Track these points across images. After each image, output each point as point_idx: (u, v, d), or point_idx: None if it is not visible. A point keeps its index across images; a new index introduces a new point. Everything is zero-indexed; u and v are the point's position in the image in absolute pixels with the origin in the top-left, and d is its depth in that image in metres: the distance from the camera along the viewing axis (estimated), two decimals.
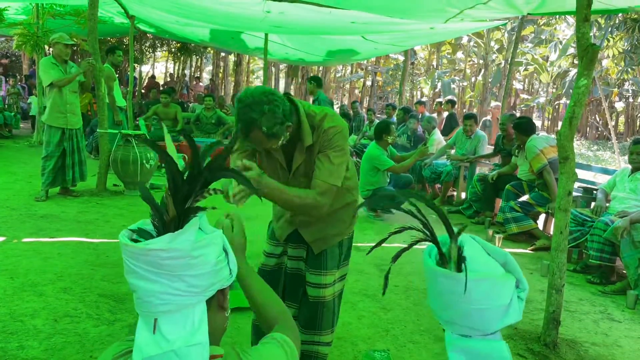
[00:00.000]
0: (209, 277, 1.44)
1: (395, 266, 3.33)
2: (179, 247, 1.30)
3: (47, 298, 3.00)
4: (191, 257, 1.33)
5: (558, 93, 23.31)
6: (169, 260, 1.29)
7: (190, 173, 1.46)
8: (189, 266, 1.34)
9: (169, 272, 1.33)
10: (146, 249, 1.26)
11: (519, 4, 5.17)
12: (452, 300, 1.69)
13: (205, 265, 1.40)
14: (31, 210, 4.89)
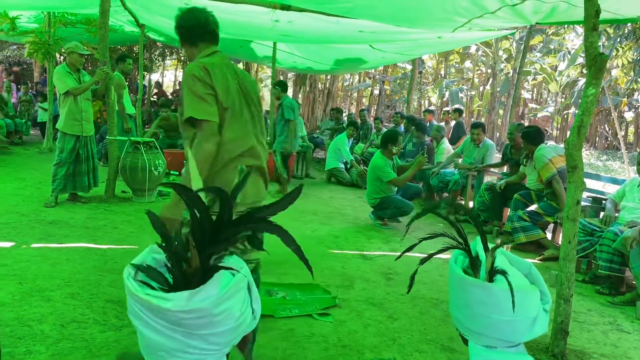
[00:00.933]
0: (232, 332, 1.34)
1: (401, 275, 3.32)
2: (200, 307, 1.20)
3: (55, 303, 3.02)
4: (213, 315, 1.23)
5: (567, 103, 23.22)
6: (189, 320, 1.19)
7: (219, 224, 1.36)
8: (211, 325, 1.23)
9: (188, 331, 1.22)
10: (162, 307, 1.16)
11: (527, 14, 5.16)
12: (481, 311, 1.69)
13: (229, 321, 1.30)
14: (40, 216, 4.93)
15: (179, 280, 1.26)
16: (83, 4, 7.21)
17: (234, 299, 1.30)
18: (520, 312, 1.76)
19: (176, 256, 1.21)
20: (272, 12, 6.07)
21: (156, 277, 1.28)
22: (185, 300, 1.16)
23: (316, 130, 13.29)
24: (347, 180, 8.73)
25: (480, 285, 1.80)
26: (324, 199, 7.27)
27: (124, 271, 1.34)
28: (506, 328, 1.80)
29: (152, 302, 1.13)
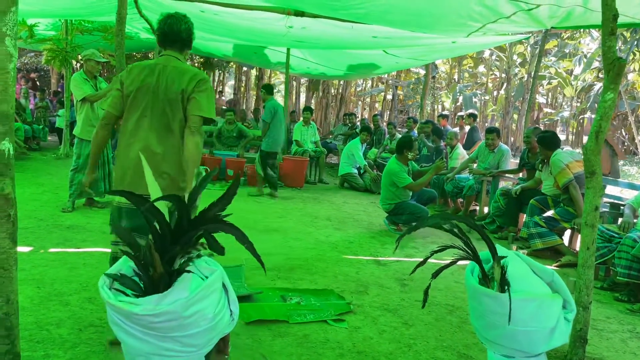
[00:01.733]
0: (207, 334, 1.36)
1: (416, 281, 3.31)
2: (169, 310, 1.22)
3: (73, 308, 3.05)
4: (184, 317, 1.26)
5: (582, 107, 22.97)
6: (160, 323, 1.22)
7: (178, 227, 1.40)
8: (182, 327, 1.26)
9: (160, 334, 1.24)
10: (132, 312, 1.19)
11: (542, 18, 5.13)
12: (496, 321, 1.68)
13: (202, 322, 1.32)
14: (58, 221, 4.99)
15: (149, 285, 1.28)
16: (100, 11, 7.32)
17: (206, 301, 1.32)
18: (536, 322, 1.74)
19: (142, 262, 1.24)
20: (286, 18, 6.11)
21: (129, 284, 1.31)
22: (154, 304, 1.19)
23: (329, 136, 13.32)
24: (361, 186, 8.72)
25: (492, 296, 1.79)
26: (337, 204, 7.27)
27: (99, 280, 1.36)
28: (522, 338, 1.78)
29: (123, 307, 1.17)
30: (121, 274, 1.33)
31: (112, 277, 1.32)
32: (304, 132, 9.64)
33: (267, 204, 6.91)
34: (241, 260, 3.99)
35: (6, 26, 1.81)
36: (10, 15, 1.83)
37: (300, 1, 5.31)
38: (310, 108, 10.48)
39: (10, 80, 1.83)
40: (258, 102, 18.35)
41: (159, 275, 1.23)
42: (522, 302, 1.78)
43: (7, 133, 1.84)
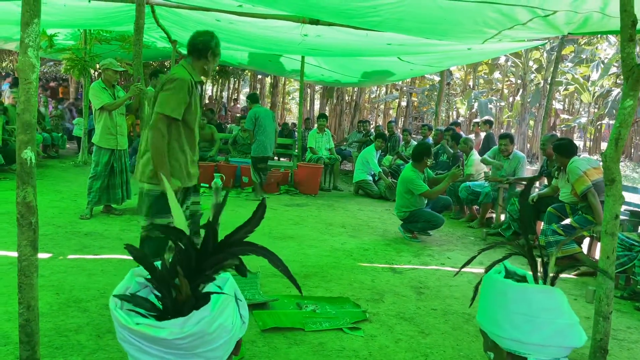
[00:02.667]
0: (228, 343, 1.38)
1: (433, 289, 3.30)
2: (196, 331, 1.23)
3: (91, 314, 3.08)
4: (209, 334, 1.27)
5: (600, 113, 22.70)
6: (185, 344, 1.22)
7: (204, 251, 1.42)
8: (206, 343, 1.27)
9: (184, 352, 1.24)
10: (157, 337, 1.18)
11: (559, 24, 5.10)
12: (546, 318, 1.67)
13: (224, 334, 1.33)
14: (76, 228, 5.05)
15: (169, 308, 1.27)
16: (118, 21, 7.44)
17: (225, 313, 1.32)
18: (572, 314, 1.79)
19: (165, 285, 1.22)
20: (301, 26, 6.15)
21: (143, 305, 1.29)
22: (180, 327, 1.18)
23: (343, 143, 13.31)
24: (375, 193, 8.70)
25: (545, 291, 1.80)
26: (352, 212, 7.26)
27: (110, 302, 1.35)
28: (569, 332, 1.79)
29: (147, 332, 1.15)
30: (132, 295, 1.32)
31: (124, 299, 1.32)
32: (318, 140, 9.65)
33: (281, 210, 6.92)
34: (256, 267, 4.00)
35: (29, 37, 1.85)
36: (33, 26, 1.87)
37: (315, 10, 5.34)
38: (325, 115, 10.50)
39: (32, 90, 1.86)
40: (273, 109, 18.46)
41: (185, 299, 1.23)
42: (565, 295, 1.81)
43: (29, 142, 1.87)
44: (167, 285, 1.23)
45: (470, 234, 6.33)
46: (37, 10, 1.89)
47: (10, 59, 18.21)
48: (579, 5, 4.36)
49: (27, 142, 1.87)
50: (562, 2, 4.31)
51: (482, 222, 6.79)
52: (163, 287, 1.25)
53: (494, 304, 1.93)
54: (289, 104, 32.02)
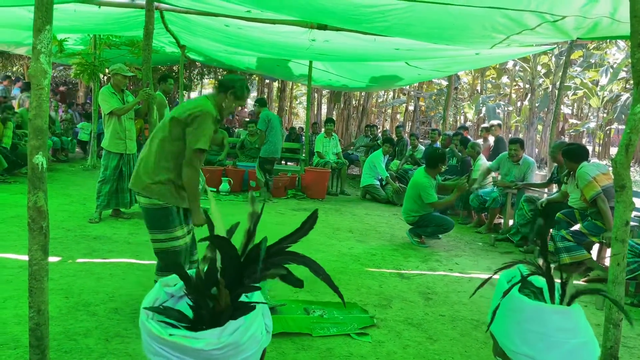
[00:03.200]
0: (256, 355, 1.39)
1: (440, 295, 3.28)
2: (232, 341, 1.24)
3: (100, 318, 3.10)
4: (242, 344, 1.28)
5: (609, 118, 22.54)
6: (220, 355, 1.22)
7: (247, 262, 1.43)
8: (239, 353, 1.27)
9: None
10: (193, 348, 1.18)
11: (568, 29, 5.08)
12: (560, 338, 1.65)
13: (254, 344, 1.34)
14: (85, 232, 5.08)
15: (207, 318, 1.27)
16: (128, 27, 7.50)
17: (256, 323, 1.31)
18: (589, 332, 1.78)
19: (203, 297, 1.23)
20: (309, 31, 6.16)
21: (175, 316, 1.30)
22: (216, 337, 1.18)
23: (350, 147, 13.32)
24: (383, 197, 8.68)
25: (562, 312, 1.77)
26: (359, 216, 7.25)
27: (141, 314, 1.36)
28: (583, 351, 1.77)
29: (182, 343, 1.14)
30: (164, 306, 1.32)
31: (156, 311, 1.32)
32: (325, 144, 9.66)
33: (289, 215, 6.93)
34: None
35: (41, 43, 1.87)
36: (45, 33, 1.89)
37: (323, 15, 5.35)
38: (333, 120, 10.51)
39: (44, 96, 1.88)
40: (280, 113, 18.49)
41: (223, 309, 1.23)
42: (583, 313, 1.79)
43: (40, 147, 1.89)
44: (205, 296, 1.23)
45: (479, 240, 6.30)
46: (49, 16, 1.91)
47: (20, 64, 18.39)
48: (589, 11, 4.34)
49: (38, 148, 1.89)
50: (571, 7, 4.30)
51: (490, 228, 6.76)
52: (200, 297, 1.25)
53: (507, 317, 1.90)
54: (296, 108, 32.07)
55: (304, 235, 1.56)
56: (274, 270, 1.41)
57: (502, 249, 5.86)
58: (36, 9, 1.88)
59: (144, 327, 1.30)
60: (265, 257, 1.41)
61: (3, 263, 3.92)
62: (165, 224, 3.00)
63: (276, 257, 1.43)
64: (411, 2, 4.42)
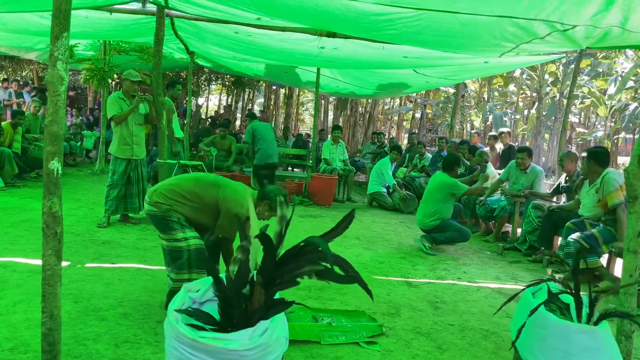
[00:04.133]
0: (279, 358, 1.40)
1: (449, 304, 3.26)
2: (262, 342, 1.24)
3: (109, 323, 3.10)
4: (269, 345, 1.29)
5: (617, 127, 22.44)
6: (250, 356, 1.23)
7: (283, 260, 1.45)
8: (266, 355, 1.28)
9: None
10: (226, 348, 1.19)
11: (578, 39, 5.06)
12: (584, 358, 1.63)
13: (278, 347, 1.35)
14: (94, 236, 5.10)
15: (234, 318, 1.27)
16: (138, 33, 7.55)
17: (280, 325, 1.32)
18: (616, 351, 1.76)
19: (236, 297, 1.23)
20: (318, 39, 6.19)
21: (204, 318, 1.30)
22: (248, 338, 1.18)
23: (357, 154, 13.31)
24: (390, 205, 8.67)
25: (588, 331, 1.76)
26: (366, 224, 7.24)
27: (170, 316, 1.36)
28: None
29: (215, 344, 1.14)
30: (194, 308, 1.33)
31: (186, 313, 1.32)
32: (332, 151, 9.67)
33: (296, 222, 6.92)
34: None
35: (58, 51, 1.89)
36: (62, 40, 1.91)
37: (333, 23, 5.37)
38: (340, 127, 10.53)
39: (61, 103, 1.90)
40: (287, 119, 18.52)
41: (256, 309, 1.23)
42: (610, 334, 1.77)
43: (56, 153, 1.90)
44: (237, 295, 1.24)
45: (486, 248, 6.28)
46: (67, 24, 1.93)
47: (30, 68, 18.56)
48: (599, 20, 4.33)
49: (54, 153, 1.90)
50: (582, 16, 4.28)
51: (497, 236, 6.73)
52: (233, 297, 1.26)
53: (532, 333, 1.88)
54: (302, 114, 32.13)
55: (338, 234, 1.59)
56: (309, 267, 1.42)
57: (510, 258, 5.83)
58: (54, 17, 1.89)
59: (172, 329, 1.31)
60: (299, 256, 1.43)
61: (13, 267, 3.94)
62: (166, 227, 3.26)
63: (309, 256, 1.45)
64: (421, 10, 4.43)
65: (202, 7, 5.44)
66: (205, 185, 3.29)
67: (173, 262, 3.27)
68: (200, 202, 3.25)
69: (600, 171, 4.91)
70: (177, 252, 3.23)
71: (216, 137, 9.49)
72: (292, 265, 1.39)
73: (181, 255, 3.22)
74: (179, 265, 3.24)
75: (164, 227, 3.25)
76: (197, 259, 3.23)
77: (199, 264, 3.20)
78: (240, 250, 1.51)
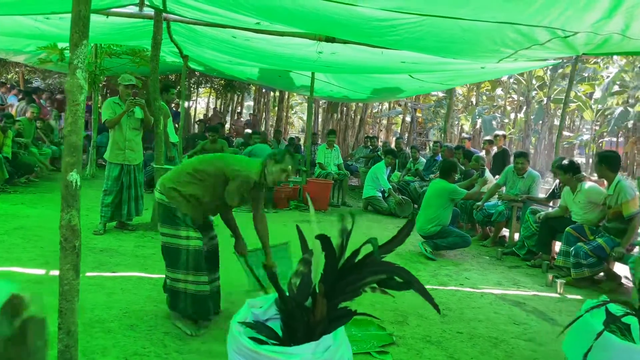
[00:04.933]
0: None
1: (455, 311, 3.24)
2: (325, 358, 1.21)
3: (116, 335, 3.03)
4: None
5: (603, 130, 22.77)
6: None
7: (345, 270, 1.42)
8: None
9: None
10: None
11: (577, 45, 5.10)
12: None
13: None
14: (91, 244, 4.99)
15: (297, 331, 1.24)
16: (133, 36, 7.46)
17: (344, 346, 1.28)
18: None
19: (299, 309, 1.20)
20: (317, 44, 6.16)
21: (266, 332, 1.27)
22: (311, 352, 1.14)
23: (349, 158, 13.30)
24: (385, 209, 8.65)
25: None
26: (362, 229, 7.21)
27: (233, 328, 1.32)
28: None
29: (277, 357, 1.11)
30: (256, 321, 1.30)
31: (249, 326, 1.29)
32: (327, 155, 9.65)
33: (293, 227, 6.85)
34: None
35: (78, 59, 1.83)
36: (82, 47, 1.86)
37: (334, 28, 5.35)
38: (334, 131, 10.52)
39: (80, 112, 1.84)
40: (278, 123, 18.45)
41: (317, 322, 1.20)
42: None
43: (75, 164, 1.84)
44: (300, 308, 1.21)
45: (485, 253, 6.29)
46: (86, 31, 1.88)
47: (16, 71, 18.25)
48: (601, 27, 4.36)
49: (73, 164, 1.84)
50: (584, 23, 4.31)
51: (495, 241, 6.75)
52: (295, 310, 1.22)
53: (593, 355, 1.84)
54: (291, 117, 32.09)
55: (399, 244, 1.57)
56: (372, 277, 1.40)
57: (509, 263, 5.85)
58: (73, 24, 1.84)
59: (234, 341, 1.27)
60: (361, 267, 1.40)
61: (10, 277, 3.84)
62: (171, 221, 3.22)
63: (371, 267, 1.42)
64: (424, 16, 4.42)
65: (201, 11, 5.38)
66: (210, 160, 3.33)
67: (169, 261, 3.25)
68: (208, 177, 3.22)
69: (612, 177, 4.91)
70: (175, 251, 3.19)
71: (206, 142, 9.28)
72: (354, 276, 1.36)
73: (179, 255, 3.18)
74: (175, 264, 3.21)
75: (169, 220, 3.21)
76: (194, 261, 3.18)
77: (196, 266, 3.18)
78: (302, 262, 1.49)
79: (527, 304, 4.37)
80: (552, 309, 4.31)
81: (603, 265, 4.87)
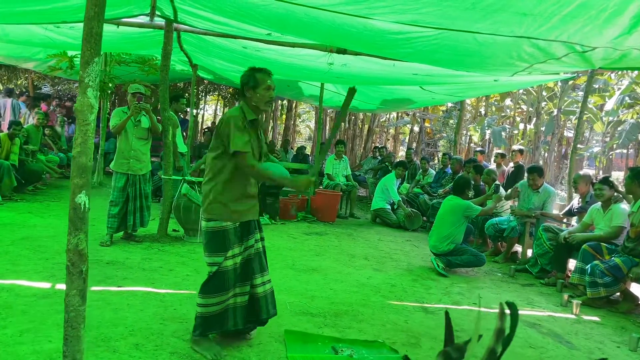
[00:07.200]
0: None
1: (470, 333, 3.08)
2: None
3: (121, 355, 2.94)
4: None
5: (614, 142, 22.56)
6: None
7: None
8: None
9: None
10: None
11: (594, 59, 4.99)
12: None
13: None
14: (97, 256, 4.92)
15: None
16: (142, 45, 7.44)
17: None
18: None
19: None
20: (328, 55, 6.10)
21: None
22: None
23: (356, 169, 13.20)
24: (394, 222, 8.54)
25: None
26: (372, 242, 7.12)
27: None
28: None
29: None
30: None
31: None
32: (335, 166, 9.57)
33: (301, 239, 6.79)
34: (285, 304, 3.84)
35: (89, 77, 1.77)
36: (93, 65, 1.79)
37: (347, 41, 5.29)
38: (343, 142, 10.43)
39: (90, 132, 1.77)
40: (287, 132, 18.40)
41: None
42: None
43: (84, 186, 1.77)
44: None
45: (497, 270, 6.16)
46: (98, 48, 1.81)
47: (25, 77, 18.34)
48: (620, 43, 4.26)
49: (82, 186, 1.77)
50: (603, 39, 4.22)
51: (507, 257, 6.63)
52: None
53: None
54: (298, 126, 32.09)
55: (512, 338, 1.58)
56: None
57: (522, 281, 5.72)
58: (84, 41, 1.77)
59: None
60: None
61: (16, 291, 3.77)
62: (218, 247, 3.06)
63: None
64: (440, 29, 4.35)
65: (212, 22, 5.34)
66: (211, 148, 3.15)
67: (209, 286, 3.04)
68: (217, 164, 3.08)
69: None
70: (220, 274, 3.03)
71: None
72: None
73: (224, 277, 3.03)
74: (214, 288, 3.03)
75: (218, 246, 3.03)
76: (242, 274, 3.13)
77: (243, 277, 3.13)
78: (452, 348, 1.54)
79: (543, 325, 4.25)
80: (569, 330, 4.19)
81: (619, 285, 4.74)
